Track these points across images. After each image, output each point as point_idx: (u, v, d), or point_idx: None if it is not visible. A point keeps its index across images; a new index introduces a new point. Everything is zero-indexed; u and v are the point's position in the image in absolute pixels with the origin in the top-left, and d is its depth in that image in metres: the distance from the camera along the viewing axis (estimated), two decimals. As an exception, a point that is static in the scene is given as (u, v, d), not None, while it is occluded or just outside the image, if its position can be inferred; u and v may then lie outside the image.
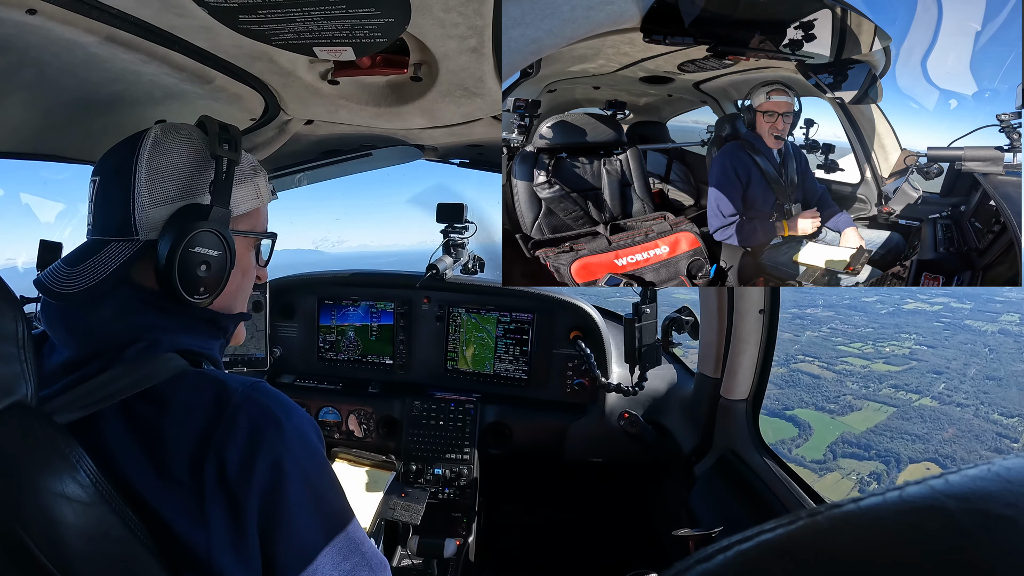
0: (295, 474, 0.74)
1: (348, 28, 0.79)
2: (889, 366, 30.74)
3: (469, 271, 2.29)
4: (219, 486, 0.70)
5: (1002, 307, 35.85)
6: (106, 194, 0.83)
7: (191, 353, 0.81)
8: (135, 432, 0.71)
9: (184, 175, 0.84)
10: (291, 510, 0.74)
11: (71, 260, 0.81)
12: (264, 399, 0.76)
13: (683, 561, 0.26)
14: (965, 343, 33.07)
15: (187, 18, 0.80)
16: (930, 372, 30.18)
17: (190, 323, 0.85)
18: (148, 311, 0.81)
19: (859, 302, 36.27)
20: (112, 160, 0.84)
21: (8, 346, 0.63)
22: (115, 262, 0.80)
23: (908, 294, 37.21)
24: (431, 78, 1.03)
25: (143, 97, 1.08)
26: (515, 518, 2.43)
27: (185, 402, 0.74)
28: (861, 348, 32.41)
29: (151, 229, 0.81)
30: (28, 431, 0.63)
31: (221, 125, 0.87)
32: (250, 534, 0.71)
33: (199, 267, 0.83)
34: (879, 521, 0.23)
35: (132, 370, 0.73)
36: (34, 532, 0.60)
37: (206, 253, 0.84)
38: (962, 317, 35.10)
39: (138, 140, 0.83)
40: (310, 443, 0.78)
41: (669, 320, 1.80)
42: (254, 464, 0.71)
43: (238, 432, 0.72)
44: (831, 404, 27.15)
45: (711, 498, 1.63)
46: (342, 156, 1.81)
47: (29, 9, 0.73)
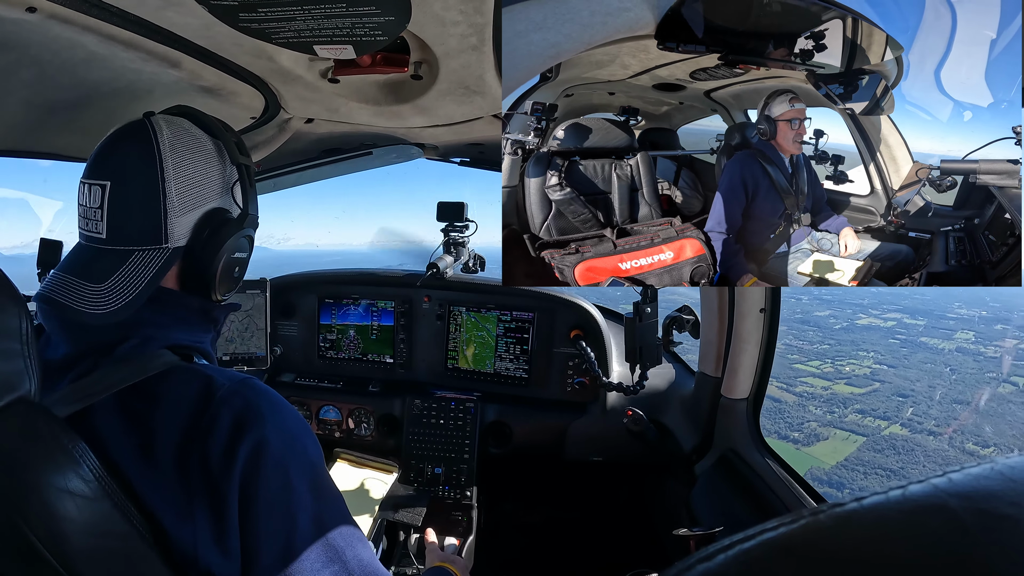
0: (273, 470, 0.73)
1: (348, 26, 0.79)
2: (852, 387, 29.53)
3: (469, 270, 2.29)
4: (203, 480, 0.70)
5: (955, 324, 34.92)
6: (126, 200, 0.78)
7: (183, 348, 0.80)
8: (129, 427, 0.72)
9: (212, 180, 0.84)
10: (267, 507, 0.72)
11: (91, 274, 0.76)
12: (251, 394, 0.75)
13: (684, 560, 0.26)
14: (925, 362, 32.27)
15: (187, 16, 0.80)
16: (895, 395, 29.01)
17: (184, 316, 0.85)
18: (141, 307, 0.79)
19: (811, 316, 35.13)
20: (126, 164, 0.79)
21: (11, 342, 0.63)
22: (146, 274, 0.77)
23: (860, 309, 36.54)
24: (431, 76, 1.03)
25: (143, 96, 1.08)
26: (515, 518, 2.42)
27: (174, 397, 0.74)
28: (820, 367, 31.22)
29: (181, 236, 0.81)
30: (32, 427, 0.63)
31: (225, 126, 0.88)
32: (231, 529, 0.70)
33: (235, 270, 0.87)
34: (882, 520, 0.23)
35: (123, 367, 0.73)
36: (37, 527, 0.60)
37: (241, 256, 0.87)
38: (917, 334, 34.34)
39: (149, 139, 0.79)
40: (295, 441, 0.77)
41: (670, 319, 1.80)
42: (235, 457, 0.70)
43: (220, 425, 0.71)
44: (795, 432, 25.52)
45: (712, 497, 1.63)
46: (342, 155, 1.81)
47: (29, 7, 0.72)
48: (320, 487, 0.78)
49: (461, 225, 2.17)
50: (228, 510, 0.70)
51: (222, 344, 1.73)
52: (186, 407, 0.73)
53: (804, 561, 0.23)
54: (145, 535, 0.68)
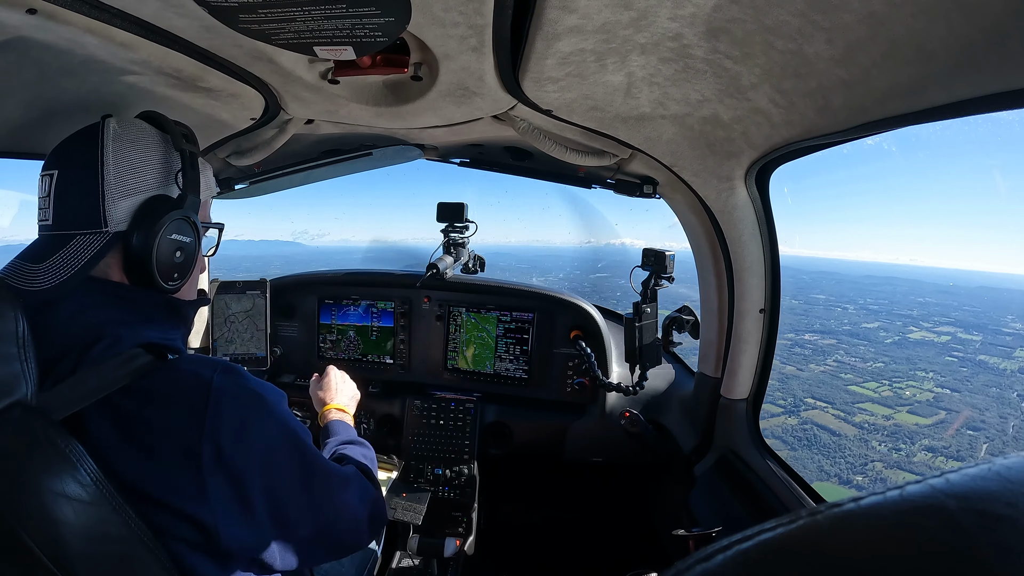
0: (283, 441, 0.83)
1: (348, 27, 0.79)
2: (917, 417, 27.25)
3: (469, 270, 2.29)
4: (217, 464, 0.74)
5: (1012, 340, 33.05)
6: (69, 187, 0.82)
7: (154, 346, 0.81)
8: (120, 425, 0.72)
9: (152, 166, 0.86)
10: (290, 473, 0.83)
11: (33, 256, 0.80)
12: (239, 379, 0.81)
13: (683, 561, 0.26)
14: (989, 385, 30.09)
15: (187, 18, 0.80)
16: (965, 428, 26.75)
17: (150, 313, 0.86)
18: (107, 306, 0.82)
19: (860, 328, 33.93)
20: (71, 153, 0.84)
21: (8, 346, 0.63)
22: (84, 255, 0.80)
23: (911, 321, 34.75)
24: (431, 77, 1.03)
25: (143, 97, 1.08)
26: (515, 518, 2.43)
27: (165, 393, 0.75)
28: (878, 390, 29.01)
29: (120, 221, 0.82)
30: (28, 431, 0.63)
31: (174, 121, 0.91)
32: (256, 502, 0.77)
33: (175, 253, 0.87)
34: (879, 520, 0.23)
35: (102, 370, 0.73)
36: (34, 531, 0.60)
37: (181, 240, 0.88)
38: (974, 351, 32.47)
39: (96, 132, 0.84)
40: (284, 408, 0.87)
41: (669, 319, 1.80)
42: (249, 440, 0.77)
43: (228, 416, 0.76)
44: (859, 476, 22.83)
45: (711, 498, 1.63)
46: (342, 156, 1.81)
47: (29, 9, 0.72)
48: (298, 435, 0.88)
49: (461, 226, 2.17)
50: (249, 487, 0.76)
51: (222, 345, 1.73)
52: (183, 401, 0.75)
53: (802, 561, 0.23)
54: (144, 538, 0.68)
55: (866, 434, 25.98)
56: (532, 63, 0.91)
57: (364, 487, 1.02)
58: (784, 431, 25.32)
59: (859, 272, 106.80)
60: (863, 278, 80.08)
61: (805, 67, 0.82)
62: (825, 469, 23.58)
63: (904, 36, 0.66)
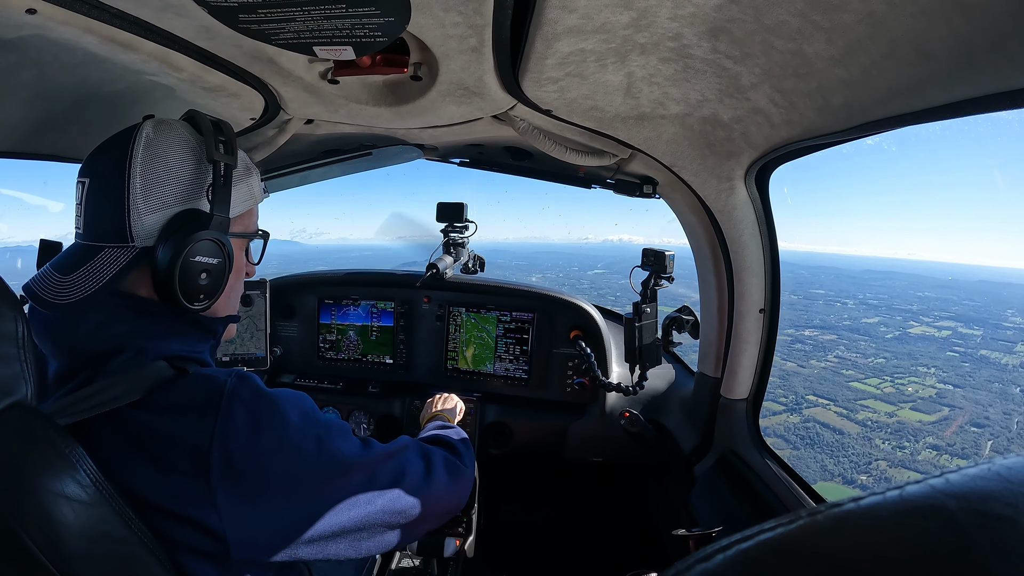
0: (299, 446, 0.79)
1: (348, 27, 0.79)
2: (920, 414, 26.82)
3: (469, 270, 2.29)
4: (226, 470, 0.72)
5: (1014, 334, 32.62)
6: (98, 198, 0.80)
7: (179, 358, 0.80)
8: (128, 435, 0.72)
9: (181, 180, 0.82)
10: (308, 476, 0.79)
11: (63, 267, 0.78)
12: (254, 386, 0.79)
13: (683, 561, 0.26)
14: (992, 380, 29.76)
15: (187, 18, 0.80)
16: (969, 424, 26.33)
17: (178, 328, 0.84)
18: (133, 318, 0.80)
19: (860, 323, 33.59)
20: (103, 162, 0.81)
21: (8, 346, 0.63)
22: (110, 270, 0.78)
23: (911, 316, 34.38)
24: (431, 77, 1.03)
25: (143, 97, 1.08)
26: (515, 518, 2.42)
27: (177, 403, 0.74)
28: (880, 386, 28.53)
29: (147, 236, 0.80)
30: (28, 431, 0.63)
31: (215, 123, 0.86)
32: (266, 505, 0.75)
33: (199, 276, 0.83)
34: (879, 520, 0.23)
35: (118, 381, 0.73)
36: (33, 531, 0.60)
37: (206, 262, 0.84)
38: (975, 346, 32.08)
39: (129, 140, 0.80)
40: (304, 409, 0.83)
41: (669, 319, 1.80)
42: (260, 447, 0.75)
43: (240, 422, 0.74)
44: (863, 475, 22.47)
45: (711, 498, 1.63)
46: (342, 156, 1.81)
47: (29, 9, 0.72)
48: (329, 431, 0.84)
49: (461, 226, 2.17)
50: (259, 494, 0.75)
51: (222, 345, 1.73)
52: (194, 411, 0.74)
53: (802, 561, 0.23)
54: (145, 540, 0.68)
55: (869, 432, 25.65)
56: (532, 63, 0.91)
57: (431, 471, 0.97)
58: (786, 429, 25.17)
59: (858, 267, 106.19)
60: (862, 273, 79.54)
61: (805, 67, 0.82)
62: (828, 468, 23.27)
63: (904, 36, 0.66)
